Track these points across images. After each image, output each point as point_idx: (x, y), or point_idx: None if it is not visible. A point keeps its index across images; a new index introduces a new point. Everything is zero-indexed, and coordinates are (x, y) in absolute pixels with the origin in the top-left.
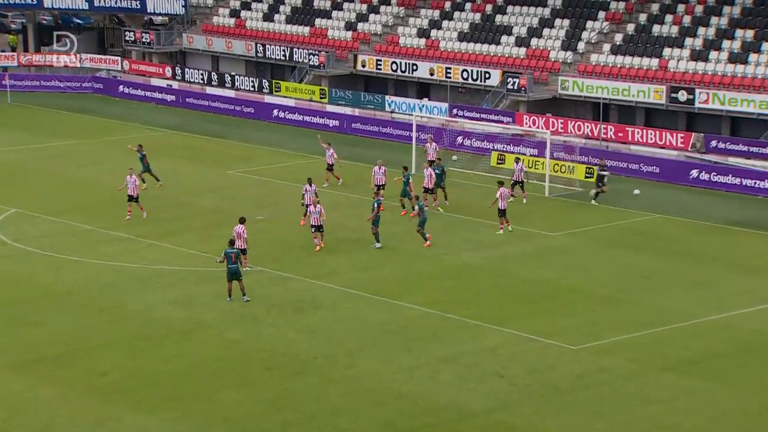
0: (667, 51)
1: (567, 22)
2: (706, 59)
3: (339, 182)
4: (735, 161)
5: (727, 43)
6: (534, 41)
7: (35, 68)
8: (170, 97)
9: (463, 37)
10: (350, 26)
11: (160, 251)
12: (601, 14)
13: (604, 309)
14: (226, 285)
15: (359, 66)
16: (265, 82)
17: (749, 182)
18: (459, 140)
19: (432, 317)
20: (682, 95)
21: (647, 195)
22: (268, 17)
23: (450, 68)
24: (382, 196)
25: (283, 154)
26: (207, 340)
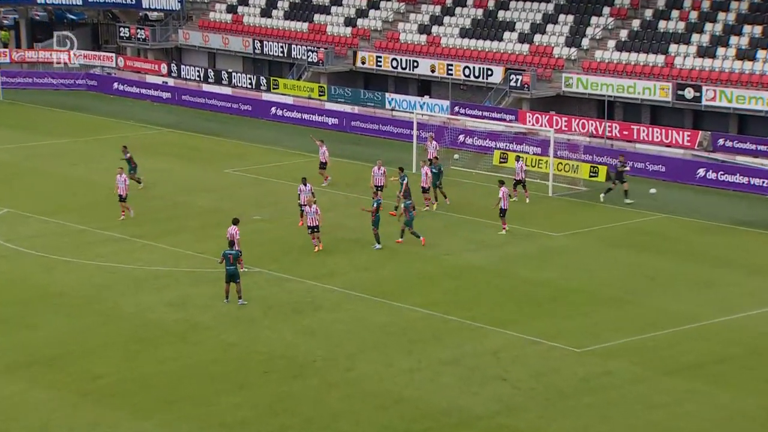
0: (674, 47)
1: (571, 18)
2: (713, 56)
3: (325, 182)
4: (743, 160)
5: (735, 40)
6: (537, 37)
7: (28, 65)
8: (166, 95)
9: (465, 33)
10: (349, 22)
11: (156, 252)
12: (606, 10)
13: (609, 311)
14: (224, 286)
15: (359, 63)
16: (263, 79)
17: (757, 182)
18: (461, 139)
19: (433, 319)
20: (689, 92)
21: (644, 192)
22: (266, 13)
23: (451, 65)
24: (381, 197)
25: (281, 153)
26: (203, 343)
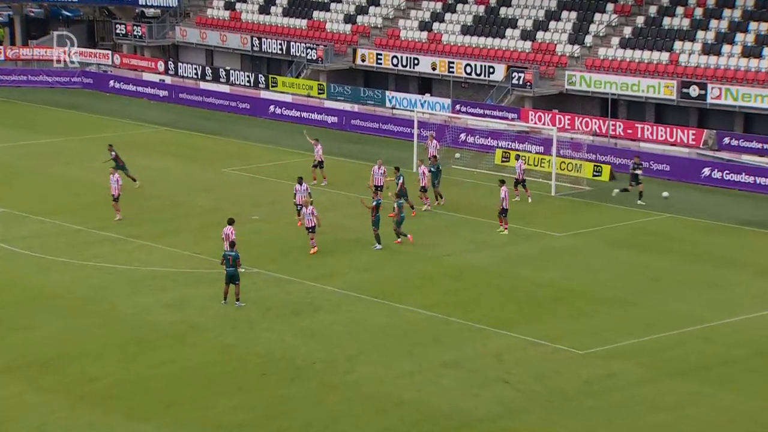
0: (678, 44)
1: (574, 15)
2: (719, 53)
3: (314, 182)
4: (748, 159)
5: (741, 37)
6: (540, 34)
7: (23, 62)
8: (163, 93)
9: (467, 31)
10: (349, 19)
11: (153, 252)
12: (610, 6)
13: (612, 312)
14: (223, 287)
15: (359, 60)
16: (261, 77)
17: (763, 181)
18: (462, 137)
19: (434, 320)
20: (694, 90)
21: (656, 194)
22: (264, 9)
23: (453, 62)
24: (381, 197)
25: (280, 152)
26: (201, 345)
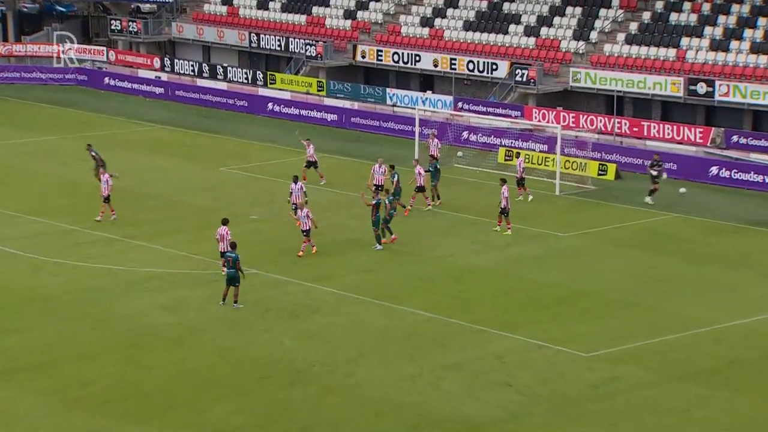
0: (685, 40)
1: (579, 11)
2: (727, 49)
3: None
4: (757, 157)
5: (749, 33)
6: (544, 30)
7: (15, 59)
8: (159, 90)
9: (469, 26)
10: (349, 14)
11: (149, 253)
12: (615, 1)
13: (618, 314)
14: (223, 289)
15: (359, 57)
16: (260, 74)
17: None
18: (464, 135)
19: (435, 322)
20: (701, 87)
21: (663, 193)
22: (263, 5)
23: (455, 59)
24: (381, 197)
25: (279, 150)
26: (198, 347)
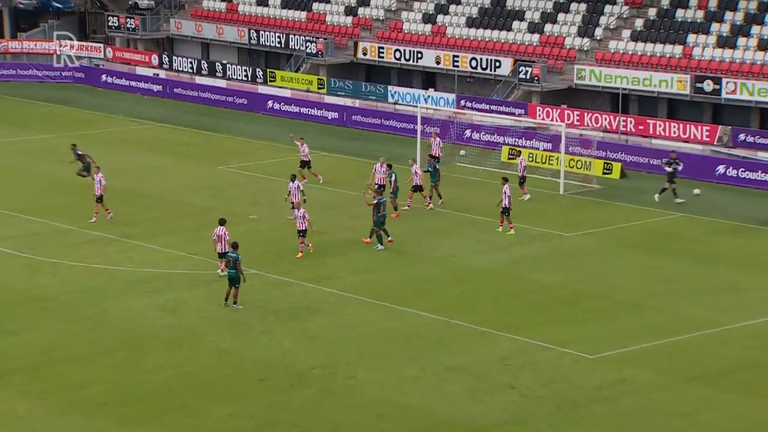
0: (692, 37)
1: (583, 7)
2: (734, 46)
3: (304, 181)
4: (765, 156)
5: (756, 29)
6: (548, 27)
7: (11, 56)
8: (157, 87)
9: (472, 23)
10: (350, 11)
11: (147, 253)
12: None
13: (624, 315)
14: (226, 289)
15: (360, 54)
16: (259, 71)
17: None
18: (467, 134)
19: (438, 324)
20: (708, 85)
21: (669, 193)
22: (262, 1)
23: (457, 56)
24: (383, 197)
25: (278, 149)
26: (196, 350)
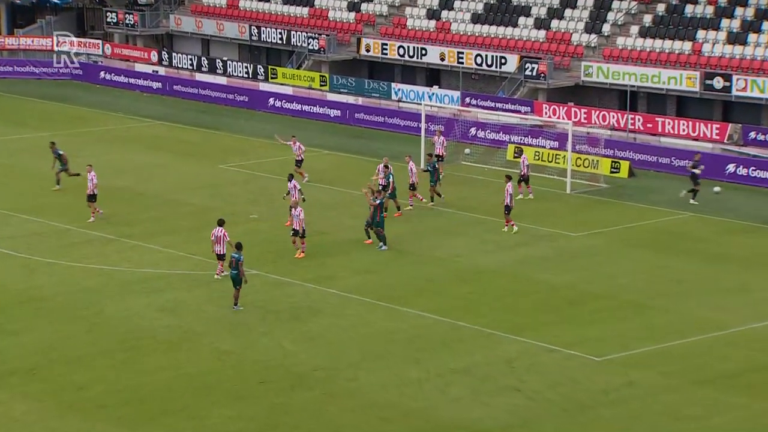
0: (701, 33)
1: (591, 2)
2: (744, 42)
3: (305, 179)
4: None
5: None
6: (555, 23)
7: (8, 52)
8: (156, 85)
9: (477, 19)
10: (353, 7)
11: (146, 253)
12: None
13: (632, 317)
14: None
15: (363, 50)
16: (260, 68)
17: None
18: (472, 132)
19: (442, 325)
20: (718, 82)
21: (677, 192)
22: None
23: (462, 53)
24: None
25: (279, 147)
26: (196, 351)
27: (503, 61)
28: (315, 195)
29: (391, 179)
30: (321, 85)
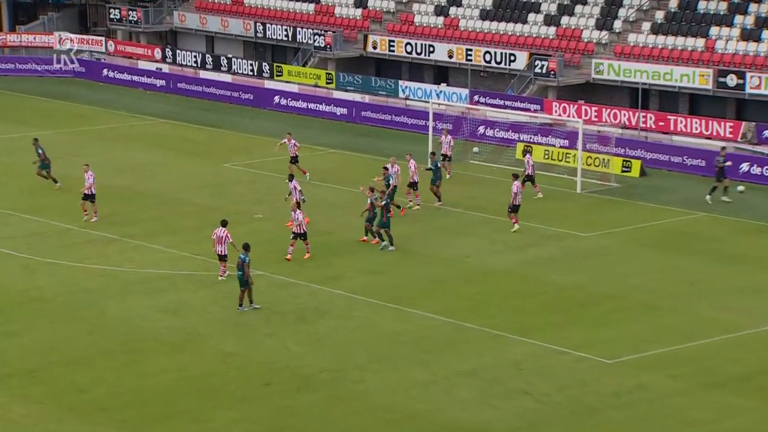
0: (715, 30)
1: None
2: (758, 39)
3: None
4: None
5: None
6: (565, 19)
7: (9, 49)
8: (160, 82)
9: (486, 15)
10: (360, 3)
11: (149, 253)
12: None
13: (643, 318)
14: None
15: (370, 48)
16: (266, 66)
17: None
18: (481, 130)
19: (449, 326)
20: (731, 79)
21: (690, 191)
22: None
23: (471, 50)
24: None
25: (284, 146)
26: (199, 353)
27: (512, 59)
28: (321, 194)
29: (391, 180)
30: (327, 83)
